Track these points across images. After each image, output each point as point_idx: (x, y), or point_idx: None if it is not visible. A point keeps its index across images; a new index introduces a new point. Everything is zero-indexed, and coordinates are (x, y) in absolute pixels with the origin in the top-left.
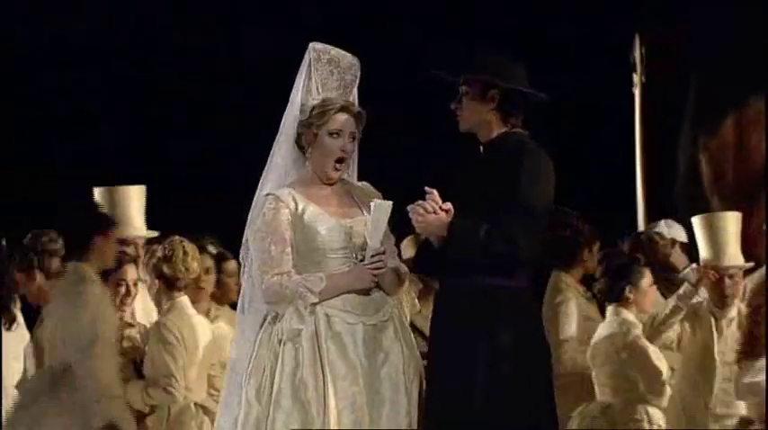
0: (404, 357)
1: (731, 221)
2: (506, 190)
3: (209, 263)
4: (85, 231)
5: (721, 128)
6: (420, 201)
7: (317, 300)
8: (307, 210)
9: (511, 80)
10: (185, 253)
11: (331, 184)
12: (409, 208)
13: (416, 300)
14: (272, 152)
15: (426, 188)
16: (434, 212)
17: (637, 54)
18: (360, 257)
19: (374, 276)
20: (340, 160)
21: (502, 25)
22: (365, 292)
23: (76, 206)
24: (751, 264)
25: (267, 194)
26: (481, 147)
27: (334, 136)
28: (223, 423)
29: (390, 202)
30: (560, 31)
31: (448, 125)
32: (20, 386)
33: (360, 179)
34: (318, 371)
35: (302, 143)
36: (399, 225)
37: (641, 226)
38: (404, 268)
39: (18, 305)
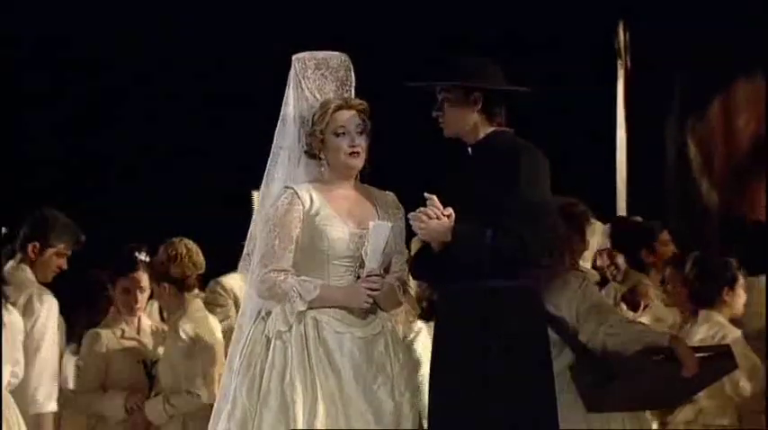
0: (394, 372)
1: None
2: (505, 190)
3: None
4: None
5: (709, 111)
6: (421, 208)
7: (303, 308)
8: (321, 212)
9: (491, 80)
10: (188, 250)
11: (352, 179)
12: (410, 215)
13: (411, 323)
14: (267, 168)
15: (426, 194)
16: (437, 218)
17: (621, 40)
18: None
19: (369, 297)
20: (352, 154)
21: (482, 11)
22: (358, 309)
23: None
24: None
25: (286, 187)
26: (469, 149)
27: (340, 134)
28: (217, 418)
29: (389, 224)
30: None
31: (435, 128)
32: None
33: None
34: (307, 373)
35: (313, 151)
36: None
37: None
38: (405, 298)
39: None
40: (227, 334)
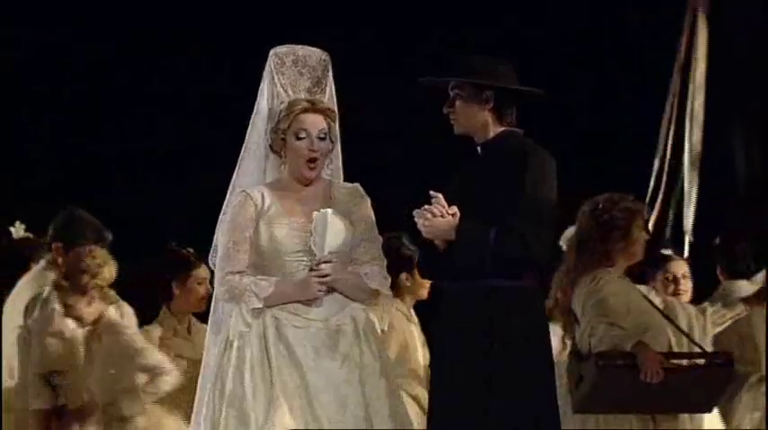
0: (363, 362)
1: None
2: (511, 190)
3: None
4: None
5: None
6: (426, 206)
7: (260, 306)
8: (270, 210)
9: (503, 79)
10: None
11: (309, 185)
12: (415, 212)
13: (412, 311)
14: (239, 160)
15: (431, 192)
16: (442, 216)
17: None
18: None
19: (321, 285)
20: (311, 160)
21: None
22: (317, 301)
23: None
24: None
25: (240, 191)
26: (479, 148)
27: (301, 137)
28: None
29: (330, 210)
30: None
31: (443, 127)
32: None
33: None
34: (267, 374)
35: (275, 149)
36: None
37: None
38: (375, 284)
39: None
40: None
